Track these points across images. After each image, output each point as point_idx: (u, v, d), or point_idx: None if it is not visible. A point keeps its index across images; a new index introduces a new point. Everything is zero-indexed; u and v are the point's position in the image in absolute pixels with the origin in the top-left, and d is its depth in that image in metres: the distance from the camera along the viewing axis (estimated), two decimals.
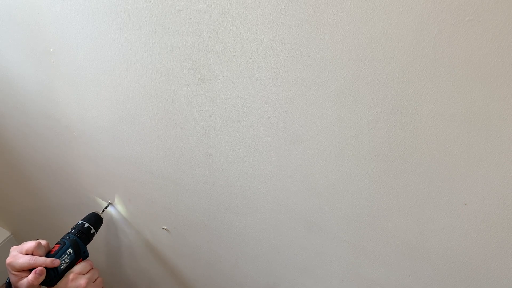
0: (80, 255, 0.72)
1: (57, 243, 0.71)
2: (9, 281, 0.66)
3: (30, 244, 0.66)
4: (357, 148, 0.48)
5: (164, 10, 0.49)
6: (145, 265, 1.00)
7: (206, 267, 0.85)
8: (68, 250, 0.69)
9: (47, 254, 0.68)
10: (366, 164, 0.49)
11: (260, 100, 0.50)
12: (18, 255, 0.64)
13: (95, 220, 0.79)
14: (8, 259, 0.64)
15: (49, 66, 0.68)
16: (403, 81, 0.40)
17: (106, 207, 0.86)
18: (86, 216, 0.79)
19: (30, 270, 0.63)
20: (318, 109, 0.47)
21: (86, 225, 0.76)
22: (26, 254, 0.65)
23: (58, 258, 0.67)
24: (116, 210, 0.89)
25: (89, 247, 0.76)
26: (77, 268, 0.69)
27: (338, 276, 0.65)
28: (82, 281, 0.68)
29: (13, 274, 0.64)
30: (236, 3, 0.44)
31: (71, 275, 0.68)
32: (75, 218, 0.99)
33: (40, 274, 0.63)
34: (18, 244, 0.67)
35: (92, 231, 0.77)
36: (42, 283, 0.65)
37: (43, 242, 0.68)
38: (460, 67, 0.37)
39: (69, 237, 0.72)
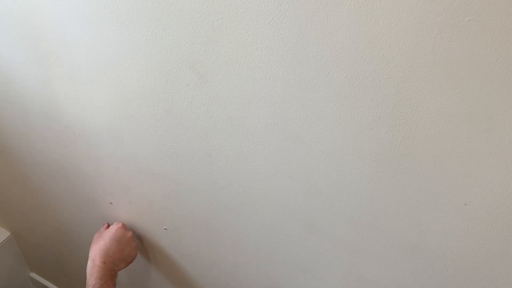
0: None
1: None
2: None
3: None
4: (357, 148, 0.48)
5: (164, 10, 0.49)
6: (145, 265, 1.00)
7: (206, 267, 0.85)
8: None
9: None
10: (366, 164, 0.49)
11: (260, 100, 0.50)
12: None
13: None
14: None
15: (49, 66, 0.68)
16: (403, 81, 0.40)
17: None
18: None
19: None
20: (318, 109, 0.47)
21: None
22: None
23: None
24: (116, 211, 0.89)
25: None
26: None
27: (338, 276, 0.65)
28: None
29: None
30: (236, 3, 0.44)
31: None
32: (75, 218, 0.99)
33: None
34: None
35: None
36: None
37: None
38: (460, 67, 0.37)
39: None
